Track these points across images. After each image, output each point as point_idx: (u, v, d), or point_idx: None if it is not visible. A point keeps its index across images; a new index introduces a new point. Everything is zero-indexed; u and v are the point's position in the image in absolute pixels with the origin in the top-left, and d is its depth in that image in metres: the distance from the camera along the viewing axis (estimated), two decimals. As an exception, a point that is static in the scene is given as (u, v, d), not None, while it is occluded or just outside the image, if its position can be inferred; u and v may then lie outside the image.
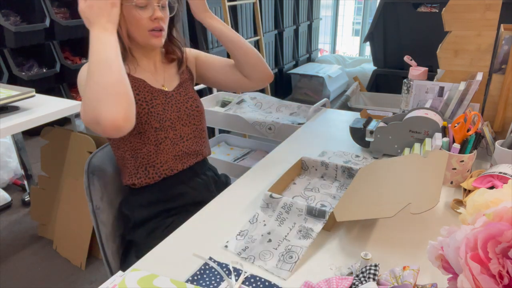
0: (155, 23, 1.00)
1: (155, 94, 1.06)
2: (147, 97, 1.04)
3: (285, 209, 0.89)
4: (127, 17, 0.99)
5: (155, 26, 1.00)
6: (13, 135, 2.08)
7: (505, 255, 0.49)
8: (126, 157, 1.06)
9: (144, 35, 1.01)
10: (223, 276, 0.72)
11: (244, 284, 0.71)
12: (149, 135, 1.03)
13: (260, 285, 0.71)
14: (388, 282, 0.64)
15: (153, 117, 1.03)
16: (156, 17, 0.99)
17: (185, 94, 1.13)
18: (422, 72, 1.29)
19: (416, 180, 0.87)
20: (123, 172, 1.09)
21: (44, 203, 1.99)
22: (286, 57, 4.34)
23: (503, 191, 0.58)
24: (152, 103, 1.04)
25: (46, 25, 3.17)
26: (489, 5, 1.15)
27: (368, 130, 1.21)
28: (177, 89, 1.12)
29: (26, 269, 1.85)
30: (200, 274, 0.74)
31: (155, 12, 0.99)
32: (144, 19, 0.99)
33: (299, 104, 2.34)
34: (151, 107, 1.04)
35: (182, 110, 1.10)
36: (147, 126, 1.02)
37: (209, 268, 0.75)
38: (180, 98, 1.11)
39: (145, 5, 0.98)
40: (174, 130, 1.08)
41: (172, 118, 1.07)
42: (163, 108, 1.06)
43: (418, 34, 3.07)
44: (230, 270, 0.73)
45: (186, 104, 1.12)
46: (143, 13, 0.99)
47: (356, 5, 5.57)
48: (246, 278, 0.73)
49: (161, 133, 1.05)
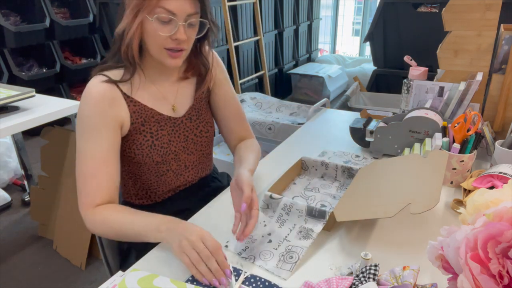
0: (175, 43, 0.85)
1: (162, 123, 0.96)
2: (153, 127, 0.95)
3: (285, 210, 0.89)
4: (145, 27, 0.84)
5: (174, 46, 0.86)
6: (13, 135, 2.08)
7: (505, 255, 0.49)
8: (125, 179, 1.02)
9: (160, 52, 0.87)
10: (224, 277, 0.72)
11: (244, 284, 0.71)
12: (150, 167, 0.97)
13: (260, 285, 0.71)
14: (388, 282, 0.64)
15: (156, 151, 0.95)
16: (177, 38, 0.84)
17: (196, 118, 1.02)
18: (422, 72, 1.29)
19: (416, 180, 0.87)
20: (123, 189, 1.06)
21: (44, 203, 1.99)
22: (286, 57, 4.34)
23: (503, 191, 0.58)
24: (158, 134, 0.95)
25: (46, 25, 3.17)
26: (489, 5, 1.15)
27: (368, 130, 1.21)
28: (188, 113, 1.00)
29: (26, 269, 1.85)
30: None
31: (177, 31, 0.83)
32: (163, 35, 0.84)
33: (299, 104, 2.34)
34: (156, 139, 0.95)
35: (190, 139, 1.01)
36: (148, 159, 0.95)
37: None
38: (190, 124, 1.01)
39: (169, 20, 0.83)
40: (177, 162, 1.00)
41: (177, 150, 0.99)
42: (168, 140, 0.97)
43: (418, 34, 3.07)
44: (230, 270, 0.73)
45: (196, 131, 1.02)
46: (164, 28, 0.83)
47: (356, 5, 5.56)
48: (246, 278, 0.73)
49: (163, 166, 0.98)
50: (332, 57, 5.04)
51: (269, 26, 3.93)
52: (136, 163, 0.96)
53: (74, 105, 1.70)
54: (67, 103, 1.70)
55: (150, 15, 0.82)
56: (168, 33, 0.84)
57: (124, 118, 0.91)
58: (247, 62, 3.65)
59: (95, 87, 0.88)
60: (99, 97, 0.87)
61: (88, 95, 0.88)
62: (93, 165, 0.86)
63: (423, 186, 0.83)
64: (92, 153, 0.86)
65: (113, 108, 0.89)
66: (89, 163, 0.86)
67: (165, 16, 0.82)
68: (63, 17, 3.44)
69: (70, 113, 1.71)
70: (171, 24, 0.84)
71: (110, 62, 0.93)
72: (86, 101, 0.88)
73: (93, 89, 0.88)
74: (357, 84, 3.20)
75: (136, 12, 0.82)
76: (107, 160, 0.87)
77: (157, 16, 0.82)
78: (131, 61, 0.89)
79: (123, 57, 0.89)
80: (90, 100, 0.87)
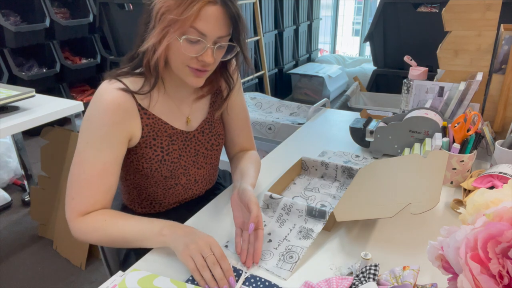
0: (200, 64, 0.82)
1: (174, 137, 0.92)
2: (164, 142, 0.91)
3: (285, 210, 0.89)
4: (171, 44, 0.79)
5: (199, 67, 0.82)
6: (13, 135, 2.08)
7: (505, 255, 0.49)
8: (130, 188, 1.00)
9: (183, 70, 0.83)
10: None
11: (244, 285, 0.71)
12: (157, 181, 0.94)
13: (260, 285, 0.71)
14: (388, 282, 0.64)
15: (166, 166, 0.92)
16: (203, 60, 0.80)
17: (209, 132, 0.99)
18: (422, 72, 1.29)
19: (416, 180, 0.87)
20: (126, 196, 1.04)
21: (44, 203, 1.99)
22: (286, 57, 4.34)
23: (503, 191, 0.58)
24: (169, 149, 0.92)
25: (46, 25, 3.17)
26: (489, 5, 1.15)
27: (368, 130, 1.21)
28: (201, 126, 0.97)
29: (26, 269, 1.85)
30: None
31: (205, 54, 0.79)
32: (189, 55, 0.80)
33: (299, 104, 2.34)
34: (166, 154, 0.91)
35: (201, 153, 0.98)
36: (156, 174, 0.92)
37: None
38: (202, 138, 0.98)
39: (197, 41, 0.78)
40: (187, 176, 0.97)
41: (187, 165, 0.96)
42: (179, 155, 0.94)
43: (418, 34, 3.07)
44: (235, 279, 0.73)
45: (207, 145, 0.99)
46: (192, 48, 0.79)
47: (356, 5, 5.56)
48: (246, 278, 0.73)
49: (171, 180, 0.95)
50: (332, 57, 5.04)
51: (269, 26, 3.93)
52: (144, 175, 0.93)
53: (74, 105, 1.70)
54: (67, 103, 1.70)
55: (180, 35, 0.77)
56: (195, 54, 0.80)
57: (135, 131, 0.87)
58: (247, 62, 3.64)
59: (110, 93, 0.82)
60: (114, 107, 0.81)
61: (102, 101, 0.82)
62: (92, 174, 0.81)
63: (423, 186, 0.83)
64: (93, 161, 0.81)
65: (125, 121, 0.84)
66: (88, 170, 0.81)
67: (194, 38, 0.78)
68: (63, 17, 3.44)
69: (70, 113, 1.71)
70: (199, 45, 0.79)
71: (126, 67, 0.88)
72: (98, 107, 0.82)
73: (108, 96, 0.82)
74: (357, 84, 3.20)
75: (167, 30, 0.77)
76: (107, 171, 0.83)
77: (186, 37, 0.77)
78: (153, 74, 0.84)
79: (146, 69, 0.84)
80: (103, 107, 0.81)
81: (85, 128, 0.83)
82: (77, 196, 0.82)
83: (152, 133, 0.89)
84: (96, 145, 0.82)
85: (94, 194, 0.82)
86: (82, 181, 0.82)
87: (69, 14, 3.55)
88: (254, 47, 3.70)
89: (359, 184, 0.95)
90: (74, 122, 1.79)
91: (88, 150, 0.82)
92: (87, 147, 0.82)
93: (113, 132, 0.82)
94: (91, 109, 0.82)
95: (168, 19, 0.76)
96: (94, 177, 0.82)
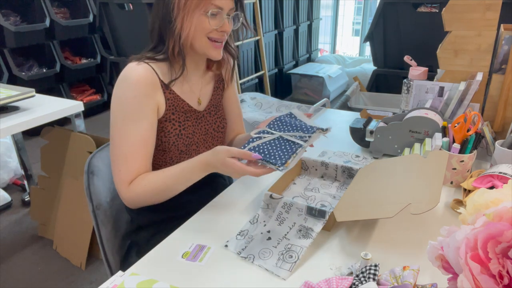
0: (220, 35, 0.95)
1: (188, 114, 1.02)
2: (181, 117, 1.01)
3: (285, 208, 0.89)
4: (196, 23, 0.92)
5: (218, 37, 0.95)
6: (13, 135, 2.08)
7: (505, 255, 0.49)
8: None
9: (206, 44, 0.95)
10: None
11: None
12: (172, 156, 1.01)
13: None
14: (388, 282, 0.64)
15: (182, 140, 1.01)
16: (224, 30, 0.94)
17: (214, 113, 1.09)
18: (422, 72, 1.29)
19: (416, 180, 0.87)
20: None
21: (44, 203, 1.99)
22: (286, 57, 4.34)
23: (503, 191, 0.58)
24: (185, 124, 1.01)
25: (46, 25, 3.17)
26: (489, 5, 1.15)
27: (368, 130, 1.21)
28: (208, 107, 1.08)
29: (26, 269, 1.85)
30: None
31: (224, 24, 0.93)
32: (211, 28, 0.92)
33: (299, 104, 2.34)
34: (183, 129, 1.01)
35: (209, 133, 1.08)
36: (173, 147, 1.00)
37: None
38: (210, 118, 1.08)
39: (217, 13, 0.93)
40: (198, 153, 1.02)
41: (199, 142, 1.05)
42: (193, 131, 1.03)
43: (418, 34, 3.07)
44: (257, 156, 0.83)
45: (214, 125, 1.09)
46: (212, 21, 0.92)
47: (356, 5, 5.56)
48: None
49: (185, 156, 1.02)
50: (332, 57, 5.04)
51: (269, 26, 3.93)
52: (161, 150, 1.00)
53: (74, 105, 1.70)
54: (67, 103, 1.70)
55: (205, 12, 0.90)
56: (216, 26, 0.92)
57: (161, 104, 0.96)
58: (247, 62, 3.65)
59: (135, 70, 0.92)
60: (142, 79, 0.91)
61: (129, 77, 0.91)
62: (134, 145, 0.91)
63: (423, 186, 0.83)
64: (134, 134, 0.91)
65: (154, 93, 0.94)
66: (130, 142, 0.91)
67: (215, 11, 0.91)
68: (63, 17, 3.44)
69: (70, 113, 1.71)
70: (218, 18, 0.93)
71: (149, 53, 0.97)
72: (127, 83, 0.91)
73: (134, 72, 0.91)
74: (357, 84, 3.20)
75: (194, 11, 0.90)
76: (147, 140, 0.93)
77: (211, 11, 0.91)
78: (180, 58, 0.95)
79: (170, 53, 0.94)
80: (131, 82, 0.91)
81: (117, 105, 0.92)
82: (124, 167, 0.92)
83: (171, 108, 0.98)
84: (134, 118, 0.91)
85: (139, 162, 0.92)
86: (126, 153, 0.91)
87: (69, 14, 3.55)
88: (254, 47, 3.70)
89: (359, 184, 0.95)
90: (74, 122, 1.79)
91: (126, 126, 0.91)
92: (125, 122, 0.91)
93: (145, 103, 0.92)
94: (120, 87, 0.92)
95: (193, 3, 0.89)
96: (136, 147, 0.91)
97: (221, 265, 0.77)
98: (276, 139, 0.88)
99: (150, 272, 0.75)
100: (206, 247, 0.82)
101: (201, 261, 0.78)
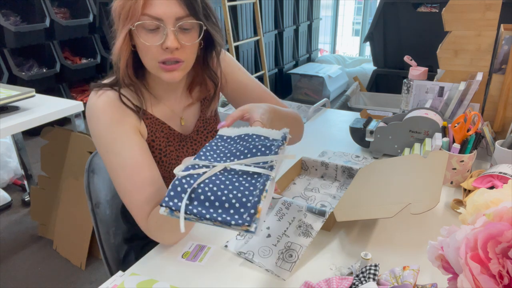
0: (168, 53, 0.76)
1: (170, 138, 0.91)
2: (162, 143, 0.89)
3: (285, 205, 0.89)
4: (136, 42, 0.77)
5: (166, 58, 0.76)
6: (13, 135, 2.08)
7: (505, 255, 0.49)
8: None
9: (154, 66, 0.78)
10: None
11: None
12: None
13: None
14: (388, 282, 0.64)
15: (164, 167, 0.90)
16: (167, 46, 0.74)
17: (203, 129, 0.97)
18: (422, 72, 1.29)
19: (416, 180, 0.87)
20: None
21: (44, 203, 1.99)
22: (286, 57, 4.34)
23: (503, 191, 0.58)
24: (166, 150, 0.90)
25: (46, 25, 3.17)
26: (489, 5, 1.15)
27: (368, 130, 1.21)
28: (196, 127, 0.95)
29: (26, 269, 1.85)
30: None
31: (166, 39, 0.74)
32: (153, 46, 0.75)
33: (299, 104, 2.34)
34: (164, 156, 0.90)
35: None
36: None
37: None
38: (198, 137, 0.96)
39: (156, 27, 0.74)
40: None
41: None
42: (176, 156, 0.92)
43: (418, 34, 3.07)
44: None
45: (204, 143, 0.97)
46: (153, 38, 0.75)
47: (356, 5, 5.56)
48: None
49: (169, 181, 0.91)
50: (332, 57, 5.04)
51: (269, 26, 3.93)
52: None
53: (74, 105, 1.70)
54: (67, 103, 1.70)
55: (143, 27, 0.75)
56: (158, 42, 0.75)
57: (141, 128, 0.86)
58: (247, 62, 3.65)
59: (96, 100, 0.81)
60: (108, 107, 0.81)
61: (96, 109, 0.81)
62: (131, 176, 0.79)
63: (423, 186, 0.83)
64: (124, 164, 0.79)
65: (125, 116, 0.83)
66: (127, 175, 0.79)
67: (150, 23, 0.73)
68: (63, 17, 3.44)
69: (70, 113, 1.71)
70: (160, 32, 0.75)
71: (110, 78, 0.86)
72: (95, 116, 0.81)
73: (95, 103, 0.81)
74: (357, 84, 3.20)
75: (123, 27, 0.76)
76: (143, 164, 0.81)
77: (142, 23, 0.73)
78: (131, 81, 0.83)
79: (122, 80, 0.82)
80: (99, 113, 0.81)
81: (98, 142, 0.82)
82: (132, 205, 0.81)
83: (151, 133, 0.88)
84: (115, 150, 0.80)
85: (147, 191, 0.80)
86: (128, 189, 0.80)
87: (69, 14, 3.54)
88: (254, 47, 3.70)
89: (359, 184, 0.95)
90: (74, 122, 1.79)
91: (114, 158, 0.80)
92: (112, 157, 0.81)
93: (120, 130, 0.81)
94: (92, 124, 0.82)
95: (123, 16, 0.75)
96: (134, 177, 0.79)
97: (221, 265, 0.77)
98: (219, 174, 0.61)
99: (150, 272, 0.75)
100: (206, 247, 0.82)
101: (201, 261, 0.78)
